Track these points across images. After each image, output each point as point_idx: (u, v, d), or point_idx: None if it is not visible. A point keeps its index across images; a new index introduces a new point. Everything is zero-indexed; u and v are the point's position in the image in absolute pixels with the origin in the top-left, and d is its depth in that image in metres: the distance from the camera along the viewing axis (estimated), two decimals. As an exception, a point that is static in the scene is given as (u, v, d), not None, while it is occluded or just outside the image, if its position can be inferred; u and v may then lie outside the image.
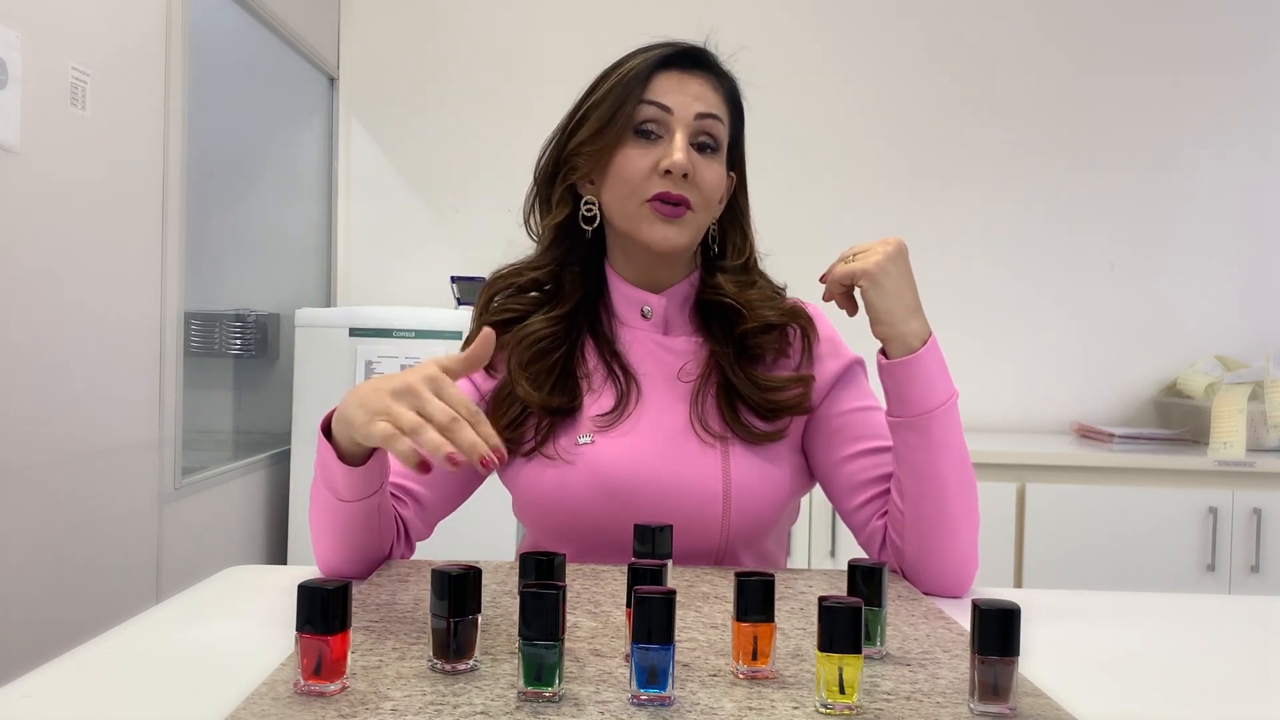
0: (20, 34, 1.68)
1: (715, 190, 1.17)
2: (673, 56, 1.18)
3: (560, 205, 1.21)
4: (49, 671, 0.80)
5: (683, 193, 1.14)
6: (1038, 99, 3.18)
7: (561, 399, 1.16)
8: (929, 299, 1.12)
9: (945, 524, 1.07)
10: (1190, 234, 3.17)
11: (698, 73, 1.19)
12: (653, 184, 1.14)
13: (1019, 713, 0.69)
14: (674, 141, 1.14)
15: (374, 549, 1.09)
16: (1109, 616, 1.06)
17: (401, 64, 3.23)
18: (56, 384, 1.81)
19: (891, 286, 1.07)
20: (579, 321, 1.21)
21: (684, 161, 1.12)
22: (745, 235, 1.25)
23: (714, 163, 1.17)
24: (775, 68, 3.18)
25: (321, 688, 0.70)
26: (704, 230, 1.20)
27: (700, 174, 1.15)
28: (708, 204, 1.17)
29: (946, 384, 1.08)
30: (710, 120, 1.17)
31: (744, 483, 1.13)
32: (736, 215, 1.25)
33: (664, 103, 1.15)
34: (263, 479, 2.74)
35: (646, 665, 0.68)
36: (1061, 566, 2.58)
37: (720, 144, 1.18)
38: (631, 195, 1.15)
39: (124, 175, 2.04)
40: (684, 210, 1.14)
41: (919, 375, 1.07)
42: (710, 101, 1.18)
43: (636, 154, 1.15)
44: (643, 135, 1.16)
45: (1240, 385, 2.69)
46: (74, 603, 1.84)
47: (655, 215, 1.14)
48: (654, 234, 1.15)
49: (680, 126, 1.15)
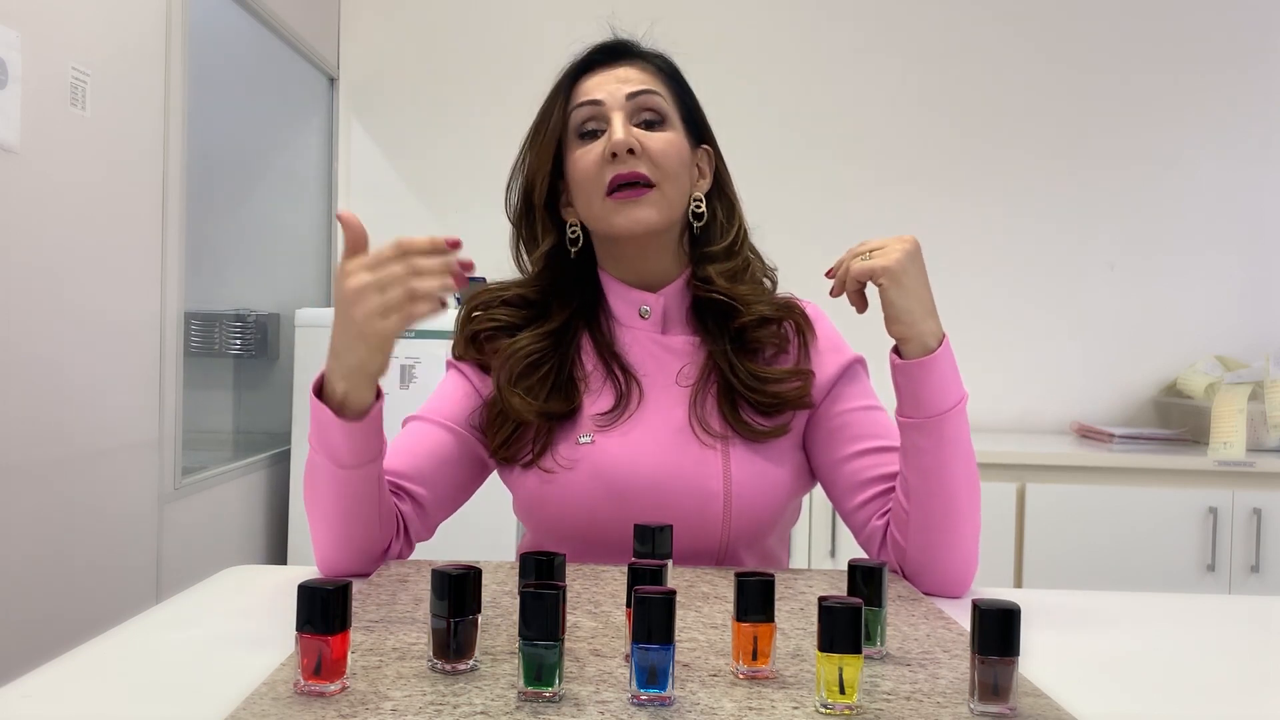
0: (20, 34, 1.68)
1: (670, 158, 1.16)
2: (592, 57, 1.21)
3: (546, 235, 1.22)
4: (49, 671, 0.80)
5: (634, 169, 1.14)
6: (1038, 99, 3.18)
7: (559, 404, 1.16)
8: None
9: (951, 525, 1.07)
10: (1190, 234, 3.17)
11: (621, 62, 1.21)
12: (605, 173, 1.15)
13: (1019, 713, 0.69)
14: (612, 125, 1.15)
15: (374, 539, 1.08)
16: (1109, 616, 1.06)
17: (401, 64, 3.23)
18: (56, 384, 1.81)
19: (911, 285, 1.05)
20: (570, 333, 1.21)
21: (624, 138, 1.14)
22: (732, 205, 1.25)
23: (662, 132, 1.17)
24: (775, 68, 3.18)
25: (321, 688, 0.70)
26: (677, 207, 1.19)
27: (649, 145, 1.15)
28: (667, 175, 1.16)
29: (958, 385, 1.07)
30: (644, 95, 1.18)
31: (744, 482, 1.13)
32: (722, 187, 1.25)
33: (592, 98, 1.17)
34: (263, 479, 2.74)
35: (646, 665, 0.69)
36: (1061, 566, 2.58)
37: (664, 114, 1.18)
38: (593, 194, 1.16)
39: (124, 175, 2.04)
40: (643, 189, 1.15)
41: (934, 376, 1.06)
42: (639, 79, 1.19)
43: (583, 154, 1.17)
44: (588, 137, 1.17)
45: (1240, 385, 2.69)
46: (74, 603, 1.84)
47: (616, 203, 1.15)
48: (622, 220, 1.15)
49: (614, 111, 1.16)
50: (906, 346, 1.07)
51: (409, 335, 2.68)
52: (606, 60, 1.21)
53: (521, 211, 1.23)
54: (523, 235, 1.24)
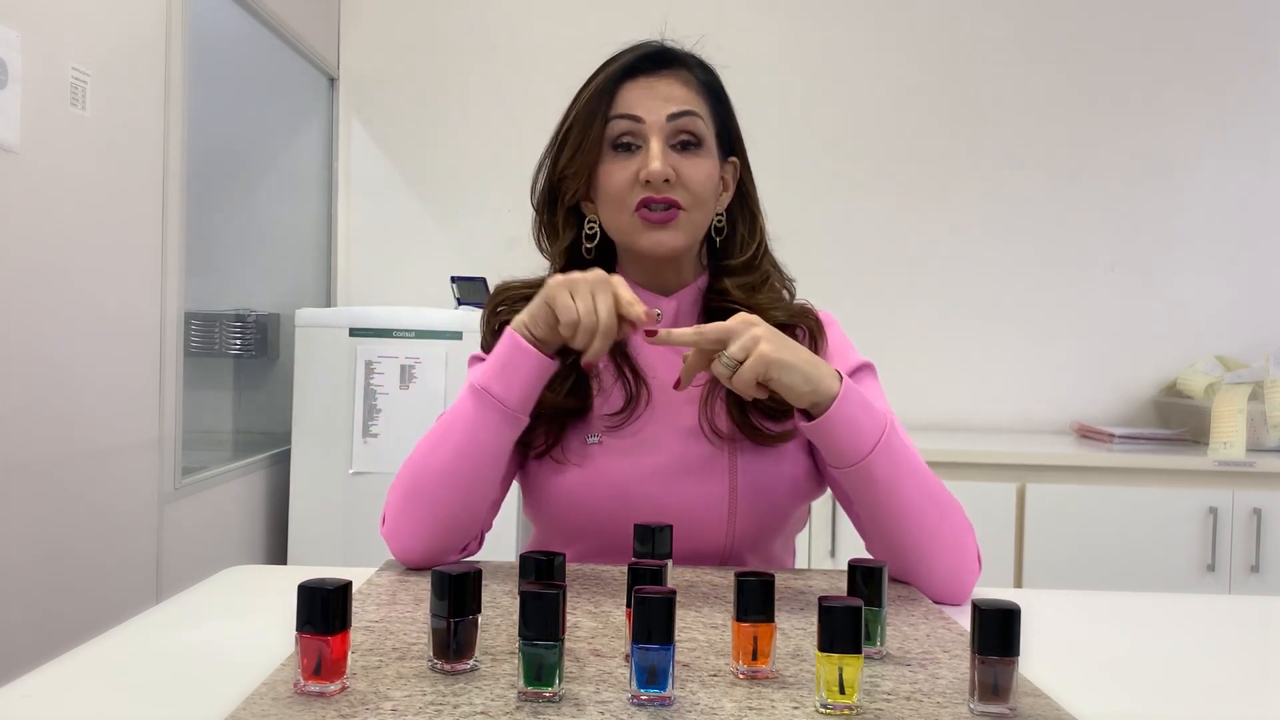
0: (20, 34, 1.68)
1: (704, 186, 1.16)
2: (635, 63, 1.17)
3: (567, 229, 1.21)
4: (49, 671, 0.80)
5: (668, 195, 1.13)
6: (1038, 99, 3.18)
7: (574, 401, 1.16)
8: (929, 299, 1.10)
9: (921, 545, 1.04)
10: (1190, 234, 3.17)
11: (664, 73, 1.18)
12: (636, 193, 1.14)
13: (1019, 713, 0.69)
14: (649, 150, 1.13)
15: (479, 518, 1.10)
16: (1109, 616, 1.06)
17: (401, 64, 3.23)
18: (57, 384, 1.81)
19: (792, 357, 0.98)
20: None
21: (660, 169, 1.12)
22: (755, 219, 1.24)
23: (699, 159, 1.16)
24: (775, 68, 3.18)
25: (321, 688, 0.70)
26: (702, 228, 1.19)
27: (685, 173, 1.14)
28: (699, 201, 1.16)
29: (873, 420, 1.01)
30: (685, 118, 1.15)
31: (751, 486, 1.13)
32: (745, 199, 1.24)
33: (633, 113, 1.15)
34: (263, 479, 2.74)
35: (646, 665, 0.69)
36: (1061, 566, 2.58)
37: (702, 138, 1.17)
38: (620, 209, 1.15)
39: (124, 175, 2.04)
40: (674, 213, 1.14)
41: (841, 427, 1.00)
42: (681, 99, 1.16)
43: (617, 168, 1.15)
44: (622, 149, 1.16)
45: (1240, 385, 2.69)
46: (74, 603, 1.84)
47: (644, 224, 1.14)
48: (646, 241, 1.15)
49: (654, 133, 1.14)
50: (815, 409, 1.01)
51: (409, 335, 2.69)
52: (649, 69, 1.17)
53: (546, 201, 1.22)
54: (544, 223, 1.23)
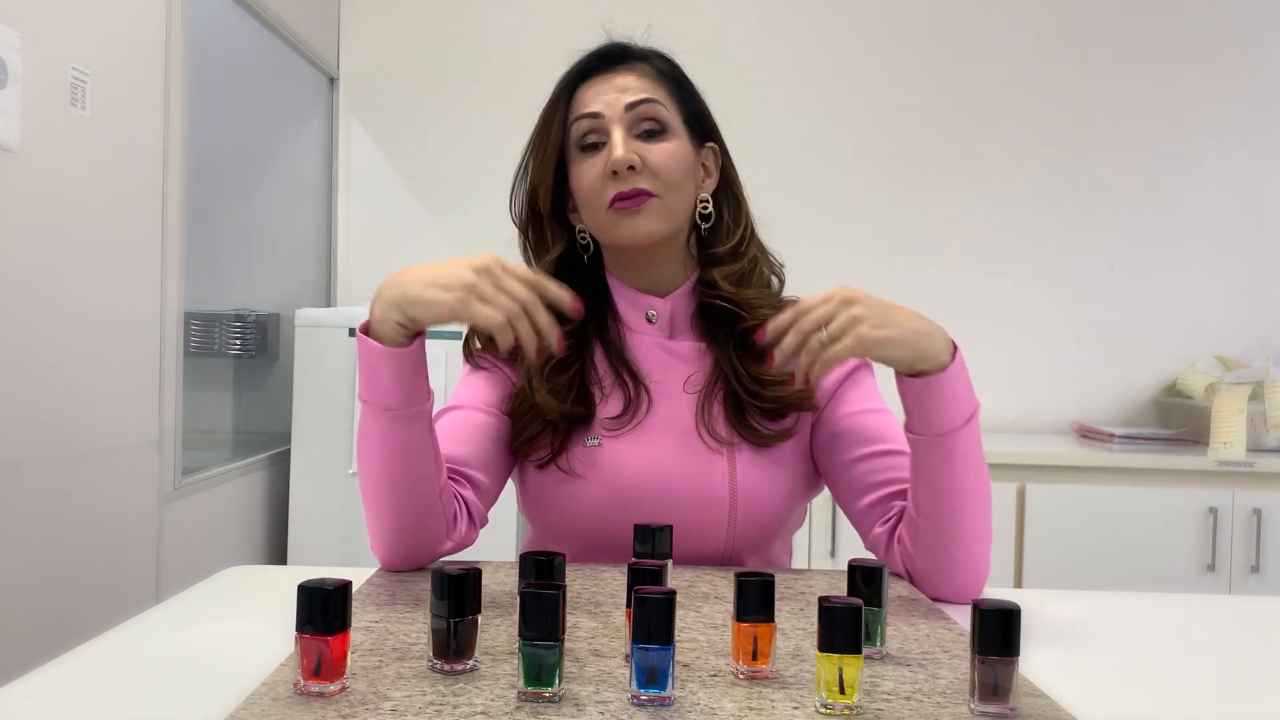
0: (20, 34, 1.68)
1: (671, 169, 1.15)
2: (590, 64, 1.19)
3: (556, 241, 1.21)
4: (49, 671, 0.80)
5: (635, 185, 1.13)
6: (1038, 98, 3.18)
7: (580, 408, 1.16)
8: (929, 300, 1.10)
9: (961, 538, 1.05)
10: (1190, 234, 3.17)
11: (619, 68, 1.19)
12: (607, 189, 1.14)
13: (1019, 713, 0.69)
14: (611, 139, 1.14)
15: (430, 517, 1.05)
16: (1109, 616, 1.06)
17: (401, 64, 3.23)
18: (57, 384, 1.81)
19: (897, 332, 0.97)
20: (588, 334, 1.21)
21: (623, 156, 1.12)
22: (740, 204, 1.24)
23: (664, 143, 1.16)
24: (775, 67, 3.18)
25: (321, 688, 0.70)
26: (681, 214, 1.18)
27: (650, 159, 1.14)
28: (670, 186, 1.15)
29: (970, 398, 1.02)
30: (645, 105, 1.16)
31: (750, 488, 1.13)
32: (729, 184, 1.24)
33: (591, 110, 1.16)
34: (263, 479, 2.74)
35: (646, 665, 0.68)
36: (1061, 566, 2.58)
37: (665, 122, 1.17)
38: (596, 207, 1.16)
39: (124, 175, 2.04)
40: (643, 199, 1.14)
41: (945, 393, 1.00)
42: (639, 88, 1.17)
43: (587, 168, 1.16)
44: (590, 149, 1.16)
45: (1240, 385, 2.69)
46: (74, 603, 1.84)
47: (619, 215, 1.14)
48: (623, 232, 1.15)
49: (615, 124, 1.15)
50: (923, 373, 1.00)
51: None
52: (604, 67, 1.19)
53: (527, 217, 1.23)
54: (529, 240, 1.23)
